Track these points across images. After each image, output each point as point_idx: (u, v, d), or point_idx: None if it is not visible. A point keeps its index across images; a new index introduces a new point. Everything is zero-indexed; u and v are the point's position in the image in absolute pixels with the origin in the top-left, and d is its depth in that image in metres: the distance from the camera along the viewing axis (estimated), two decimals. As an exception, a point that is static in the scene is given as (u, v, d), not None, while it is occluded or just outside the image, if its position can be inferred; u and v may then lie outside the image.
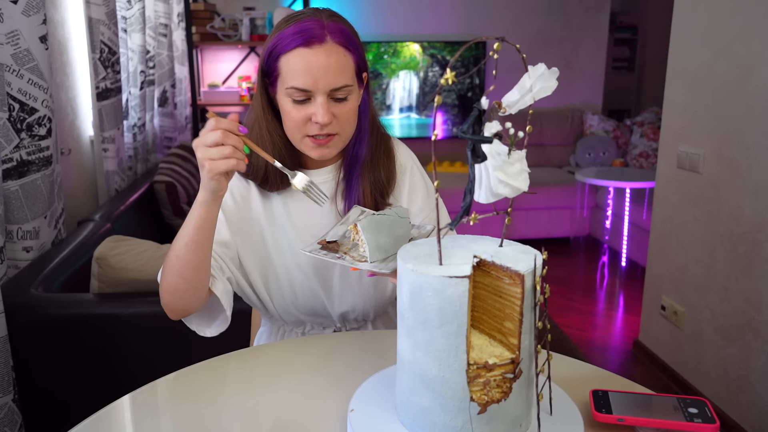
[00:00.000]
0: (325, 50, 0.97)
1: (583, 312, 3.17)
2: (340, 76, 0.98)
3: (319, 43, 0.96)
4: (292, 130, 1.02)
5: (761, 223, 1.96)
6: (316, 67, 0.96)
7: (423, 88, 4.57)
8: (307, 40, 0.96)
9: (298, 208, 1.12)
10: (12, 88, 1.63)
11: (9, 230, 1.68)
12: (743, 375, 2.05)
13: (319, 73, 0.96)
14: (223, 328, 1.05)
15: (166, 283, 0.96)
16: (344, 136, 1.05)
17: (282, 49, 0.98)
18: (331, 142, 1.03)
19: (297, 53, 0.97)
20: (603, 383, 0.87)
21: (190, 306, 0.99)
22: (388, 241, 0.90)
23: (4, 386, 1.47)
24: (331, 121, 1.00)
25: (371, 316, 1.19)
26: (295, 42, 0.96)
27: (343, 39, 0.99)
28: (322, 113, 0.98)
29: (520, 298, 0.66)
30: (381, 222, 0.92)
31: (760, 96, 1.96)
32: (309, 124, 1.00)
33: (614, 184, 3.61)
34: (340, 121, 1.01)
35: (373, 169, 1.11)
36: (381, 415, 0.75)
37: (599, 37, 4.79)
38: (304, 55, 0.96)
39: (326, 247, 0.93)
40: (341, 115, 1.01)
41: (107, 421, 0.83)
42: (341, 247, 0.94)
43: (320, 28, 0.97)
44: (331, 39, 0.97)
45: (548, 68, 0.66)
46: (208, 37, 3.90)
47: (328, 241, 0.95)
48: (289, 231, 1.11)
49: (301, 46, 0.96)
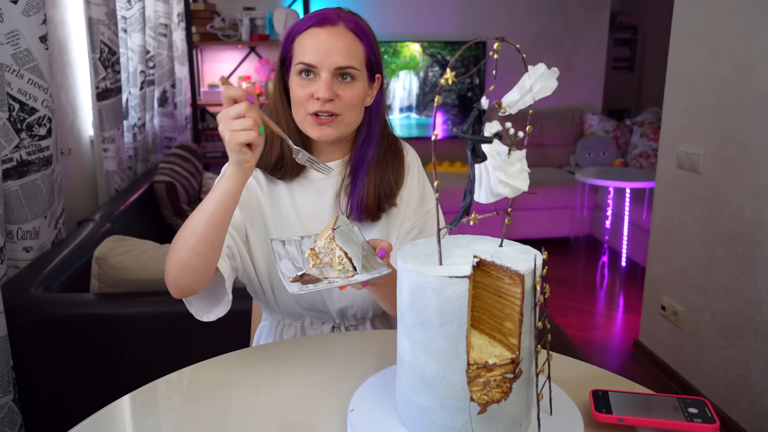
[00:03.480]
0: (336, 31, 1.03)
1: (583, 312, 3.17)
2: (346, 58, 1.03)
3: (332, 24, 1.03)
4: (296, 108, 1.06)
5: (761, 223, 1.96)
6: (325, 44, 1.02)
7: (423, 88, 4.57)
8: (320, 21, 1.03)
9: (304, 200, 1.13)
10: (12, 88, 1.63)
11: (9, 230, 1.68)
12: (743, 375, 2.05)
13: (326, 50, 1.02)
14: (223, 312, 1.04)
15: (177, 259, 0.94)
16: (346, 119, 1.07)
17: (298, 30, 1.05)
18: (333, 123, 1.05)
19: (309, 32, 1.04)
20: (603, 383, 0.87)
21: (196, 284, 0.98)
22: (357, 249, 0.92)
23: (4, 386, 1.47)
24: (333, 99, 1.03)
25: (370, 315, 1.19)
26: (309, 22, 1.04)
27: (355, 27, 1.05)
28: (324, 88, 1.02)
29: (520, 298, 0.66)
30: (344, 232, 0.93)
31: (760, 96, 1.96)
32: (311, 100, 1.04)
33: (614, 184, 3.61)
34: (343, 102, 1.04)
35: (381, 171, 1.12)
36: (381, 415, 0.75)
37: (599, 37, 4.79)
38: (315, 33, 1.03)
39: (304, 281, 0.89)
40: (345, 96, 1.04)
41: (107, 421, 0.83)
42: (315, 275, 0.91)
43: (336, 15, 1.05)
44: (344, 24, 1.04)
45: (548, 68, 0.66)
46: (208, 37, 3.89)
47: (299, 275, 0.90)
48: (293, 222, 1.13)
49: (314, 26, 1.04)
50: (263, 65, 4.23)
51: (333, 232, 0.91)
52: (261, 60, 4.26)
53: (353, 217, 1.11)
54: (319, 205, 1.13)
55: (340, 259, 0.90)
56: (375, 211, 1.11)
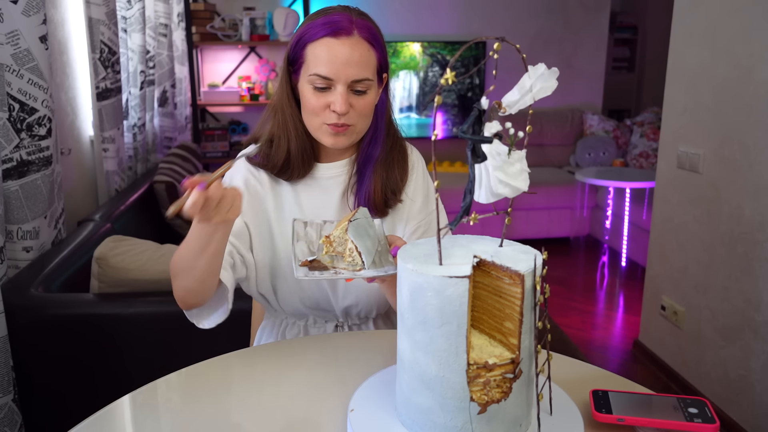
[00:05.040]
0: (351, 43, 1.01)
1: (583, 312, 3.17)
2: (362, 70, 1.02)
3: (347, 35, 1.01)
4: (310, 116, 1.06)
5: (761, 223, 1.96)
6: (341, 57, 1.00)
7: (423, 88, 4.57)
8: (335, 31, 1.00)
9: (310, 200, 1.13)
10: (12, 88, 1.63)
11: (9, 230, 1.68)
12: (743, 375, 2.05)
13: (342, 63, 1.00)
14: (222, 319, 1.05)
15: (184, 286, 0.97)
16: (359, 128, 1.08)
17: (310, 37, 1.02)
18: (346, 132, 1.06)
19: (324, 42, 1.01)
20: (603, 383, 0.87)
21: (203, 298, 1.01)
22: (370, 243, 0.92)
23: (4, 386, 1.47)
24: (348, 112, 1.03)
25: (373, 314, 1.19)
26: (323, 31, 1.01)
27: (369, 35, 1.03)
28: (341, 102, 1.01)
29: (520, 298, 0.66)
30: (360, 225, 0.93)
31: (760, 96, 1.96)
32: (327, 111, 1.03)
33: (614, 184, 3.61)
34: (357, 113, 1.05)
35: (387, 169, 1.12)
36: (381, 415, 0.75)
37: (599, 37, 4.79)
38: (330, 44, 1.01)
39: (312, 267, 0.90)
40: (358, 107, 1.04)
41: (107, 421, 0.83)
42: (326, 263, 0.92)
43: (349, 22, 1.02)
44: (358, 33, 1.02)
45: (548, 68, 0.66)
46: (208, 37, 3.89)
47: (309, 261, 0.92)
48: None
49: (328, 36, 1.01)
50: (263, 65, 4.23)
51: (348, 224, 0.91)
52: (261, 60, 4.26)
53: None
54: (325, 204, 1.14)
55: (350, 251, 0.90)
56: (382, 208, 1.12)
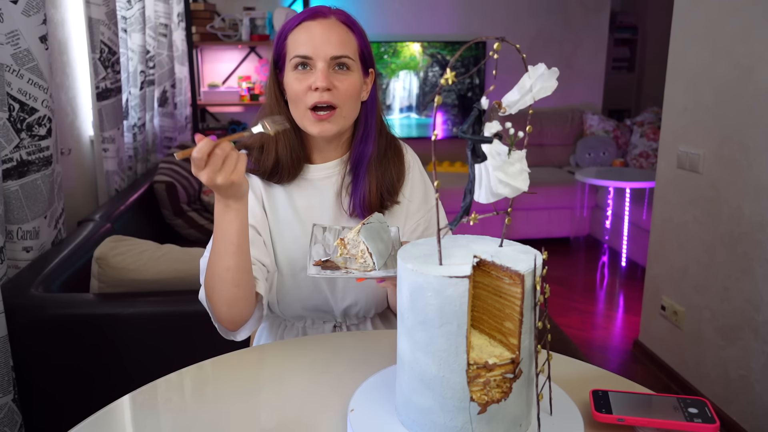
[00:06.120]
0: (328, 23, 1.05)
1: (583, 312, 3.17)
2: (340, 47, 1.04)
3: (324, 17, 1.05)
4: (294, 104, 1.07)
5: (761, 223, 1.96)
6: (319, 35, 1.04)
7: (423, 88, 4.57)
8: (312, 14, 1.06)
9: (303, 201, 1.13)
10: (12, 88, 1.63)
11: (9, 230, 1.68)
12: (743, 375, 2.05)
13: (320, 40, 1.03)
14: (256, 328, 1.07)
15: (222, 297, 0.97)
16: (344, 111, 1.07)
17: (289, 27, 1.07)
18: (332, 117, 1.05)
19: (302, 26, 1.06)
20: (603, 383, 0.87)
21: (246, 311, 1.01)
22: (383, 246, 0.94)
23: (4, 386, 1.47)
24: (331, 89, 1.03)
25: (372, 313, 1.19)
26: (301, 17, 1.06)
27: (347, 20, 1.07)
28: (321, 77, 1.02)
29: (520, 298, 0.66)
30: (373, 229, 0.95)
31: (760, 96, 1.96)
32: (309, 92, 1.04)
33: (614, 184, 3.61)
34: (340, 92, 1.05)
35: (383, 168, 1.12)
36: (381, 415, 0.75)
37: (599, 37, 4.79)
38: (308, 26, 1.05)
39: (325, 266, 0.94)
40: (341, 87, 1.05)
41: (107, 421, 0.83)
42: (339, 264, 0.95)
43: (326, 9, 1.07)
44: (335, 17, 1.06)
45: (548, 68, 0.66)
46: (208, 37, 3.89)
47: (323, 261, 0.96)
48: (294, 226, 1.13)
49: (306, 20, 1.05)
50: (263, 65, 4.23)
51: (362, 227, 0.93)
52: (261, 60, 4.26)
53: (356, 214, 1.12)
54: (319, 204, 1.14)
55: (362, 253, 0.92)
56: (378, 209, 1.11)
